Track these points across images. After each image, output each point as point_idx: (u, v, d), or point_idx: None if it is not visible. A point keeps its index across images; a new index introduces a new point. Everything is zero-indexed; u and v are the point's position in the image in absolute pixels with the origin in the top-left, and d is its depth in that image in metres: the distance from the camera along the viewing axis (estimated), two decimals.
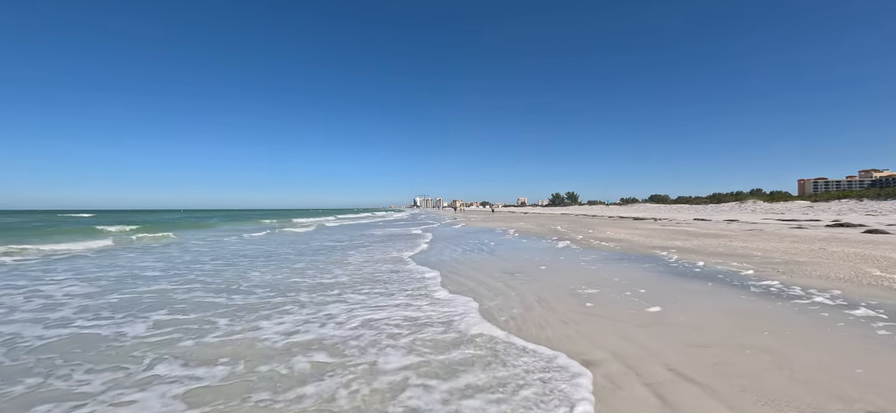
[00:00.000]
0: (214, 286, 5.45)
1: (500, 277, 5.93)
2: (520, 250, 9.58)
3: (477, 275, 6.23)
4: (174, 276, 6.27)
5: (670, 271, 6.16)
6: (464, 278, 5.96)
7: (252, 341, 3.19)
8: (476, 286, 5.36)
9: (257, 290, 5.19)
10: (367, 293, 4.94)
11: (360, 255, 9.04)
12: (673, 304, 4.14)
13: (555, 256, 8.18)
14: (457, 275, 6.28)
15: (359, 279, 5.94)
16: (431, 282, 5.66)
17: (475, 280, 5.80)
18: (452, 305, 4.28)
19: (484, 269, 6.73)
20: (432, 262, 7.69)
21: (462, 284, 5.48)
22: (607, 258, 7.76)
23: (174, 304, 4.47)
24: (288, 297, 4.73)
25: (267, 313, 4.03)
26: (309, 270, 6.80)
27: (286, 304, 4.39)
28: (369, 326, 3.57)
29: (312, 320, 3.76)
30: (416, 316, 3.90)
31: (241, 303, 4.49)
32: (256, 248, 10.55)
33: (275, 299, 4.66)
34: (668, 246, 9.43)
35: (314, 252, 9.65)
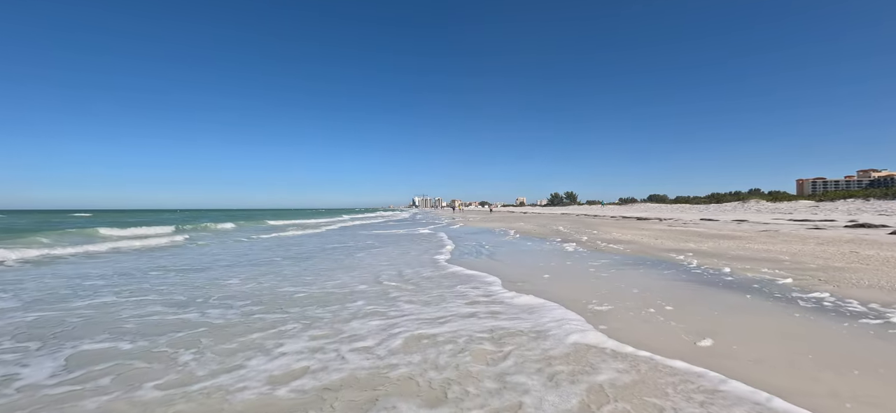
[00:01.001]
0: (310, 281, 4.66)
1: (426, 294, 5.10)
2: (521, 254, 8.79)
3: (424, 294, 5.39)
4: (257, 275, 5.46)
5: (695, 279, 5.38)
6: (407, 295, 5.14)
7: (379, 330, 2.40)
8: (410, 308, 4.39)
9: (359, 297, 4.40)
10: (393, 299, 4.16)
11: (384, 255, 8.25)
12: (718, 329, 3.34)
13: (561, 261, 7.40)
14: (395, 293, 5.46)
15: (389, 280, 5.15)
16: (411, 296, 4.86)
17: (423, 301, 4.81)
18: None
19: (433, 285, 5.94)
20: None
21: (392, 312, 4.18)
22: (619, 263, 6.98)
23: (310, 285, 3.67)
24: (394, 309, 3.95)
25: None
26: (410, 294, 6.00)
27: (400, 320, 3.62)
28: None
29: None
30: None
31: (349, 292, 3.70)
32: (300, 250, 9.74)
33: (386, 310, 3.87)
34: (682, 249, 8.67)
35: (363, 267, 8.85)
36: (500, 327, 3.45)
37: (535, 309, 4.01)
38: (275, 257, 8.70)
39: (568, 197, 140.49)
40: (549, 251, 9.07)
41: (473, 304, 4.31)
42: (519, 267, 6.94)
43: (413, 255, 8.91)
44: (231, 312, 4.04)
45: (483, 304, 4.30)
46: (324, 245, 11.61)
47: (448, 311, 4.04)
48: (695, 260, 7.01)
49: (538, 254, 8.68)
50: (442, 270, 6.62)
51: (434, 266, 7.10)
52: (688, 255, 7.74)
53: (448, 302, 4.43)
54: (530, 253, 8.90)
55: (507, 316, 3.78)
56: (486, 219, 32.42)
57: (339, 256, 8.79)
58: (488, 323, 3.58)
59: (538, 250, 9.34)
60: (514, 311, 3.96)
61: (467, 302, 4.40)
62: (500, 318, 3.74)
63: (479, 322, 3.61)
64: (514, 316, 3.77)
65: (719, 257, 7.26)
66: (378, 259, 8.25)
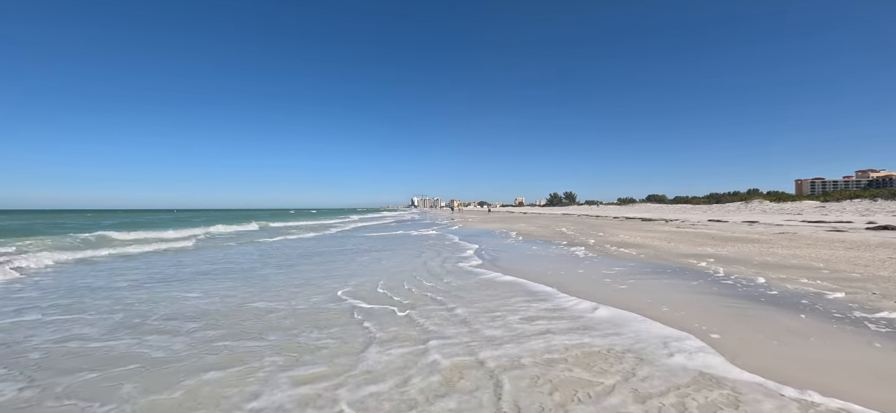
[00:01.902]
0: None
1: (466, 311, 4.44)
2: (526, 261, 8.12)
3: (463, 307, 4.72)
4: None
5: (730, 292, 4.72)
6: (442, 310, 4.43)
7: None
8: (455, 330, 3.56)
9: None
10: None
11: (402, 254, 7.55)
12: (798, 364, 2.67)
13: (571, 269, 6.73)
14: (432, 305, 4.72)
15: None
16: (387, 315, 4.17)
17: (457, 319, 3.95)
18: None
19: (476, 296, 5.26)
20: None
21: (431, 329, 3.46)
22: (636, 271, 6.32)
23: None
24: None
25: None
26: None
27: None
28: None
29: None
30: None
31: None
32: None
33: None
34: (701, 254, 8.01)
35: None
36: (588, 345, 2.93)
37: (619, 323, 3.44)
38: (297, 261, 8.00)
39: (567, 197, 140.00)
40: (558, 257, 8.40)
41: (531, 320, 3.73)
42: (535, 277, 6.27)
43: (433, 255, 8.22)
44: (255, 341, 3.34)
45: (546, 318, 3.75)
46: (341, 246, 10.90)
47: (512, 329, 3.40)
48: (720, 268, 6.35)
49: (545, 260, 8.00)
50: (479, 276, 5.98)
51: (469, 273, 6.42)
52: (709, 261, 7.08)
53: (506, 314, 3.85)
54: (536, 259, 8.23)
55: (587, 331, 3.11)
56: (485, 219, 31.75)
57: (365, 260, 8.10)
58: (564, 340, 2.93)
59: (545, 255, 8.67)
60: (578, 322, 3.29)
61: (526, 318, 3.83)
62: (583, 333, 3.08)
63: (558, 340, 3.06)
64: (580, 327, 3.09)
65: (746, 264, 6.60)
66: (402, 261, 7.56)
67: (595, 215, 33.79)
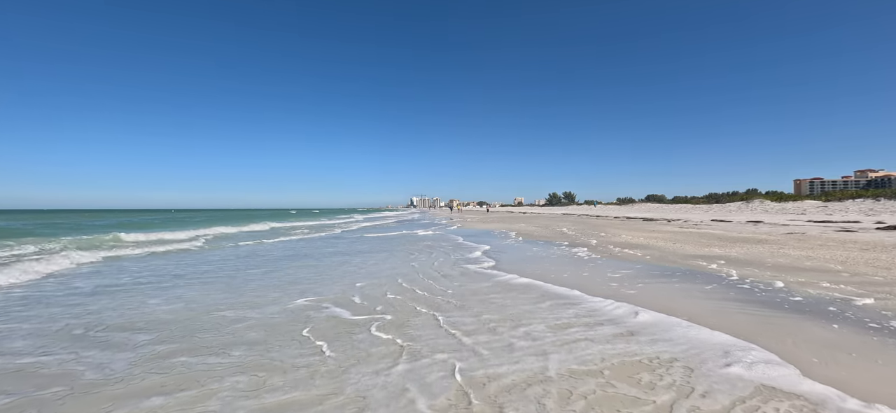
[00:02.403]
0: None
1: (497, 319, 4.07)
2: (527, 262, 7.75)
3: (488, 313, 4.35)
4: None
5: (749, 298, 4.35)
6: (466, 317, 4.09)
7: None
8: (486, 337, 3.32)
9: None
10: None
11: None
12: (844, 382, 2.30)
13: (575, 271, 6.35)
14: (450, 310, 4.41)
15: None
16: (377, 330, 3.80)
17: (456, 326, 3.66)
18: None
19: (497, 299, 4.88)
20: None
21: (434, 342, 3.09)
22: (644, 273, 5.94)
23: None
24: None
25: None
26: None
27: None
28: None
29: None
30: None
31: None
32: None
33: None
34: (709, 255, 7.65)
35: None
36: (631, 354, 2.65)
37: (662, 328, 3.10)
38: (305, 261, 7.62)
39: (566, 197, 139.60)
40: (560, 258, 8.03)
41: (564, 327, 3.40)
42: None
43: (440, 255, 7.84)
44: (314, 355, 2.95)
45: (582, 325, 3.43)
46: (348, 248, 10.52)
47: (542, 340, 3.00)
48: (733, 270, 5.99)
49: (547, 261, 7.63)
50: (493, 278, 5.60)
51: (481, 275, 6.04)
52: (719, 263, 6.72)
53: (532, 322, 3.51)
54: (537, 260, 7.85)
55: (632, 337, 2.74)
56: (484, 219, 31.34)
57: (396, 262, 7.71)
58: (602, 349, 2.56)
59: (546, 257, 8.29)
60: (618, 327, 2.92)
61: (560, 325, 3.50)
62: (628, 340, 2.71)
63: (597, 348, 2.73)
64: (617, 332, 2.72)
65: (759, 267, 6.24)
66: (410, 262, 7.17)
67: (595, 215, 33.43)
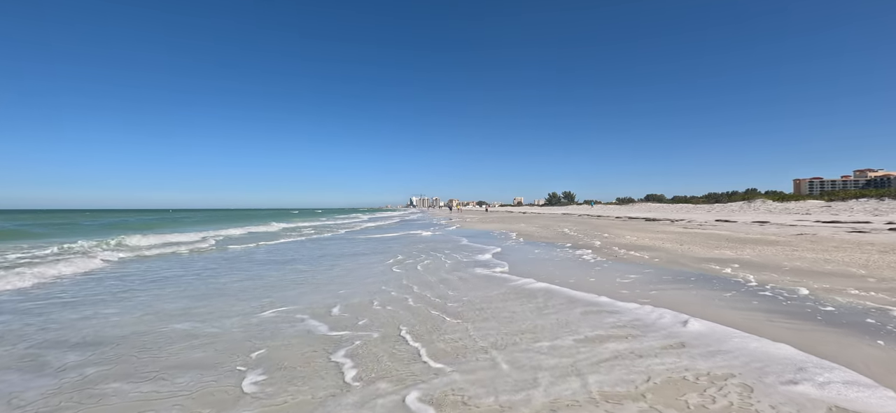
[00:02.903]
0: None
1: (496, 333, 3.69)
2: (528, 265, 7.37)
3: (514, 322, 3.98)
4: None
5: (774, 307, 3.97)
6: (490, 326, 3.71)
7: None
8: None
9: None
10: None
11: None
12: None
13: (582, 276, 5.97)
14: (475, 321, 4.02)
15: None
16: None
17: (450, 343, 3.31)
18: None
19: (518, 308, 4.50)
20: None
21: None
22: (654, 278, 5.57)
23: None
24: None
25: None
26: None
27: None
28: None
29: None
30: None
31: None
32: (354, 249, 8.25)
33: None
34: (720, 258, 7.28)
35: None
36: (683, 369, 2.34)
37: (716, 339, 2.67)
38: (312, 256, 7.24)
39: (566, 197, 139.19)
40: (564, 261, 7.65)
41: (602, 339, 2.98)
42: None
43: (446, 258, 7.45)
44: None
45: (626, 337, 3.06)
46: (354, 249, 10.14)
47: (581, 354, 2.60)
48: (750, 275, 5.61)
49: (549, 264, 7.25)
50: (508, 282, 5.19)
51: (495, 280, 5.65)
52: (733, 266, 6.35)
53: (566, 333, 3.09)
54: (541, 263, 7.47)
55: (685, 349, 2.36)
56: (484, 219, 30.95)
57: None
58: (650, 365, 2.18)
59: (549, 259, 7.91)
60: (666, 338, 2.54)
61: (601, 336, 3.12)
62: (679, 353, 2.33)
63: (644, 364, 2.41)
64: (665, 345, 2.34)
65: (776, 271, 5.87)
66: (416, 265, 6.79)
67: (596, 215, 33.06)
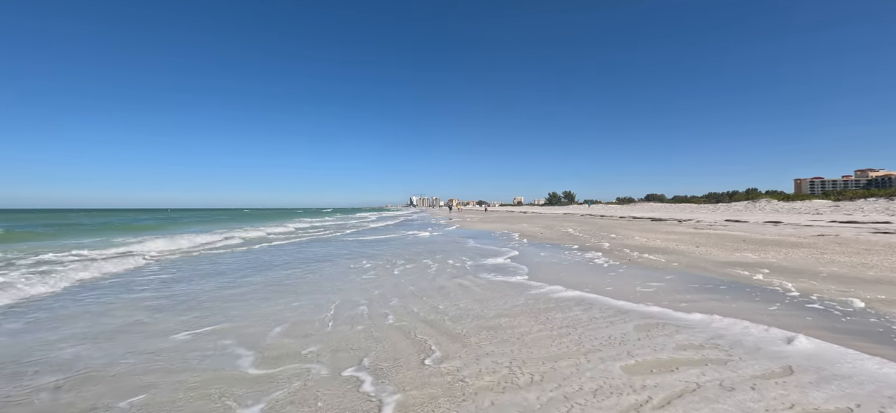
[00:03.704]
0: None
1: (499, 351, 3.06)
2: (546, 269, 6.74)
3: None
4: None
5: (832, 324, 3.34)
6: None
7: None
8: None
9: None
10: None
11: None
12: None
13: (598, 281, 5.34)
14: (501, 344, 3.40)
15: None
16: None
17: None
18: None
19: (557, 319, 3.87)
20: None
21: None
22: (680, 286, 4.94)
23: None
24: None
25: None
26: None
27: None
28: None
29: None
30: None
31: None
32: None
33: None
34: (745, 262, 6.65)
35: None
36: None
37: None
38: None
39: (566, 196, 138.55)
40: (573, 264, 7.02)
41: (676, 364, 2.26)
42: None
43: (460, 263, 6.82)
44: None
45: (712, 361, 2.27)
46: (362, 250, 9.51)
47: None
48: (788, 283, 4.99)
49: (558, 269, 6.62)
50: (530, 290, 4.54)
51: (515, 287, 5.02)
52: (763, 272, 5.72)
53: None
54: (545, 266, 6.84)
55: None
56: (484, 219, 30.27)
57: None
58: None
59: (557, 263, 7.28)
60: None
61: (676, 361, 2.38)
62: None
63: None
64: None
65: (814, 278, 5.24)
66: (429, 270, 6.16)
67: (599, 215, 32.42)
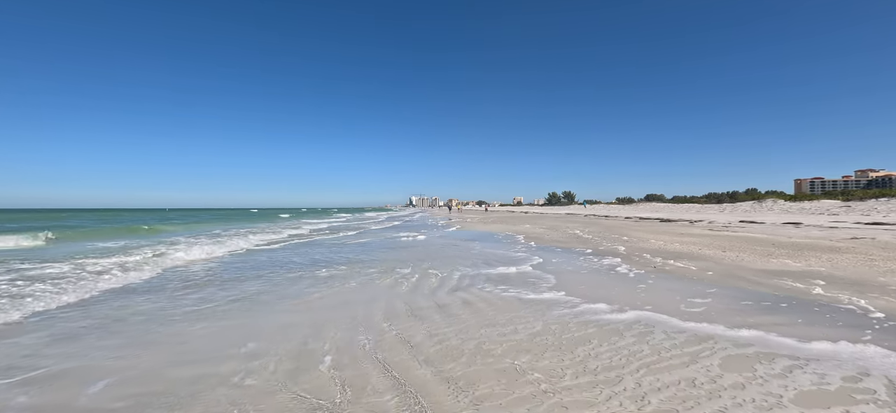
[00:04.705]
0: None
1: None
2: (562, 281, 5.88)
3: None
4: None
5: None
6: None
7: None
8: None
9: None
10: None
11: None
12: None
13: (627, 297, 4.49)
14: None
15: None
16: None
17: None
18: None
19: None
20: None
21: None
22: (732, 305, 4.08)
23: None
24: None
25: None
26: None
27: None
28: None
29: None
30: None
31: None
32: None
33: None
34: (788, 270, 5.82)
35: None
36: None
37: None
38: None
39: (566, 196, 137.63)
40: (592, 272, 6.17)
41: None
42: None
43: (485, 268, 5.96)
44: None
45: None
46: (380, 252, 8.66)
47: None
48: (861, 300, 4.14)
49: (577, 279, 5.77)
50: (577, 311, 3.68)
51: (555, 305, 4.16)
52: (819, 284, 4.88)
53: None
54: (565, 275, 5.99)
55: None
56: (485, 220, 29.13)
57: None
58: None
59: (574, 271, 6.44)
60: None
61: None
62: None
63: None
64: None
65: (884, 292, 4.40)
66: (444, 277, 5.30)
67: (603, 215, 31.58)
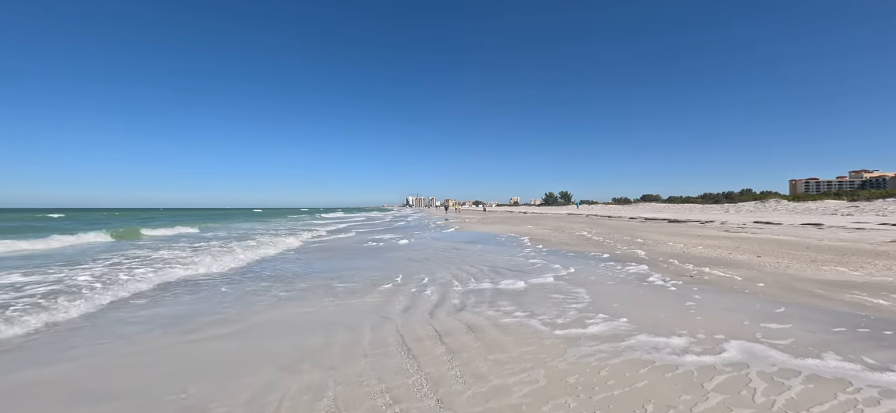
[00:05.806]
0: None
1: None
2: (601, 301, 4.91)
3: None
4: None
5: None
6: None
7: None
8: None
9: None
10: None
11: None
12: None
13: (682, 321, 3.52)
14: None
15: None
16: None
17: None
18: None
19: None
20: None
21: None
22: (816, 328, 3.12)
23: None
24: None
25: None
26: None
27: None
28: None
29: None
30: None
31: None
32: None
33: None
34: (852, 282, 4.89)
35: None
36: None
37: None
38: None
39: (563, 196, 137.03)
40: (620, 284, 5.21)
41: None
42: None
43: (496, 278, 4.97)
44: None
45: None
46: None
47: None
48: None
49: (610, 295, 4.79)
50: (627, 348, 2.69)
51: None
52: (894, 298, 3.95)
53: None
54: (595, 291, 5.01)
55: None
56: (484, 220, 27.82)
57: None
58: None
59: (599, 283, 5.47)
60: None
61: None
62: None
63: None
64: None
65: None
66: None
67: (605, 215, 30.70)
